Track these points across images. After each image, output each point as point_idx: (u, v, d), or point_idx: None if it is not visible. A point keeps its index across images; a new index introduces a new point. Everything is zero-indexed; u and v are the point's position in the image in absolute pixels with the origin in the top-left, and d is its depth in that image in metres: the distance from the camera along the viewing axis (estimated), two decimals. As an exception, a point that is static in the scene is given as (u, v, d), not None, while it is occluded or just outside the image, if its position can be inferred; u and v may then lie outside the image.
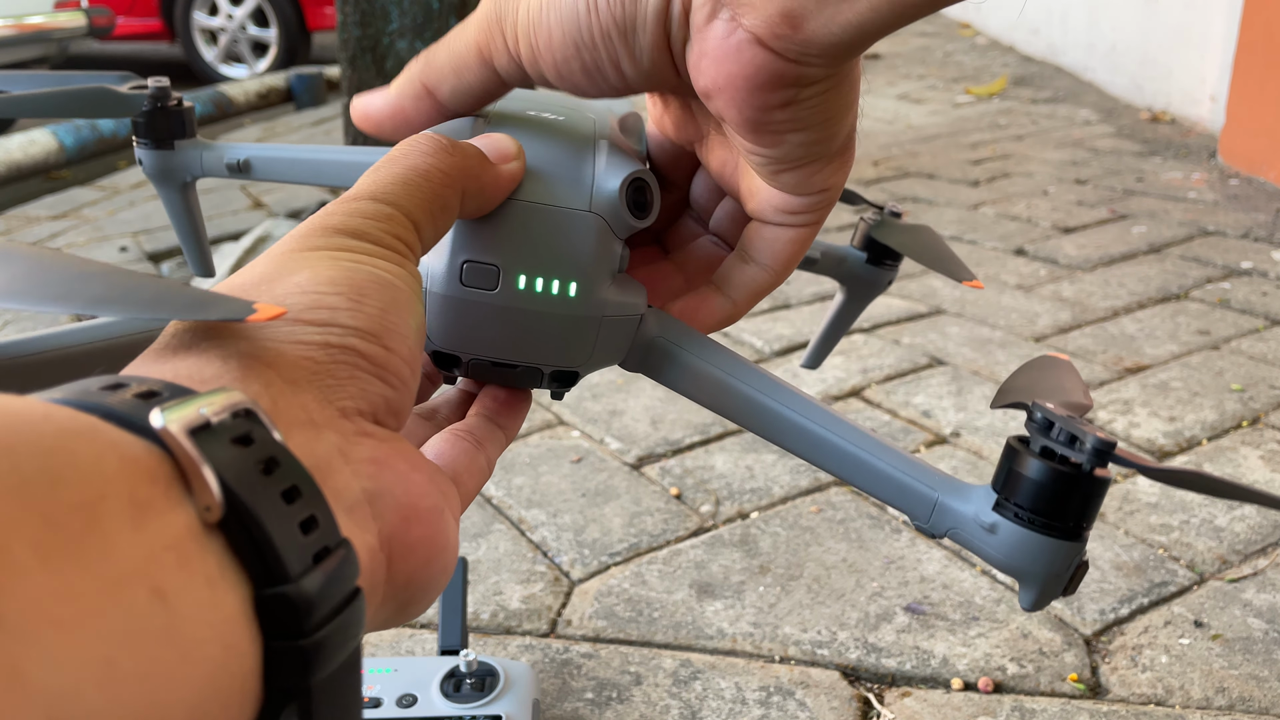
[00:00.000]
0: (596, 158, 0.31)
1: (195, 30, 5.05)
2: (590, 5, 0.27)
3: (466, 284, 0.30)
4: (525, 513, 0.85)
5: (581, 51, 0.28)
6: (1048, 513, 0.28)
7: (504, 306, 0.30)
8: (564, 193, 0.30)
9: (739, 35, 0.26)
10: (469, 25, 0.29)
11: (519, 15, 0.28)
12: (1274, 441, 0.92)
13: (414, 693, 0.55)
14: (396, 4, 1.52)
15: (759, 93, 0.26)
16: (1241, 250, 1.47)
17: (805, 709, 0.62)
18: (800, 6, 0.25)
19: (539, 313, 0.31)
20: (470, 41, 0.29)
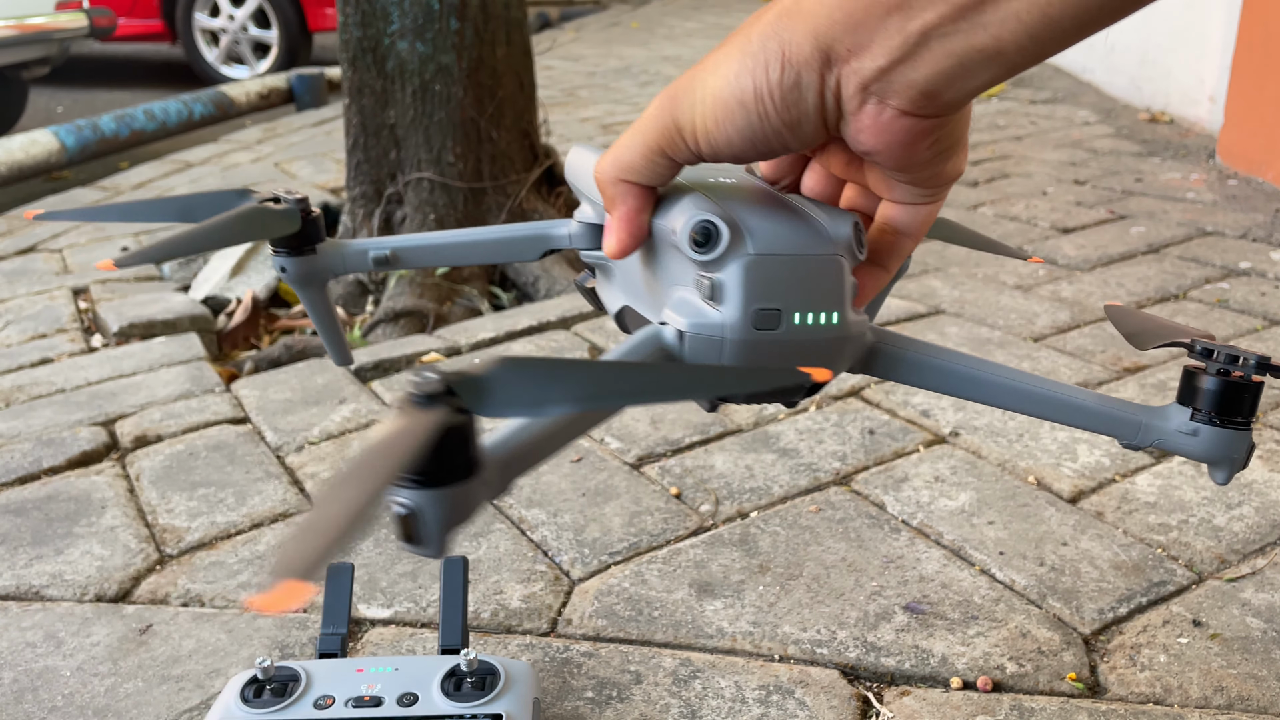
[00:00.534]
0: (809, 210, 0.39)
1: (196, 31, 5.05)
2: (762, 115, 0.34)
3: (757, 328, 0.37)
4: (525, 512, 0.85)
5: (757, 146, 0.35)
6: (1232, 414, 0.40)
7: (786, 340, 0.37)
8: (812, 242, 0.37)
9: (889, 113, 0.33)
10: (646, 131, 0.37)
11: (696, 125, 0.35)
12: (1272, 441, 0.92)
13: (415, 691, 0.55)
14: (397, 5, 1.52)
15: (909, 146, 0.34)
16: (1240, 250, 1.47)
17: (805, 708, 0.62)
18: (935, 86, 0.32)
19: (812, 341, 0.38)
20: (653, 145, 0.37)
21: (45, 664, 0.69)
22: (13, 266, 1.75)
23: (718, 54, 0.35)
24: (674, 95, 0.36)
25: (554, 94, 3.35)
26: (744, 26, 0.35)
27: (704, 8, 6.63)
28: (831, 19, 0.32)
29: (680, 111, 0.36)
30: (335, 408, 1.08)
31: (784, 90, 0.33)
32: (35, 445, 1.02)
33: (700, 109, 0.35)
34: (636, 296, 0.45)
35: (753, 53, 0.33)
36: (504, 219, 1.62)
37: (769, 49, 0.33)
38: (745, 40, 0.34)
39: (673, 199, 0.40)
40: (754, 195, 0.40)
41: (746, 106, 0.34)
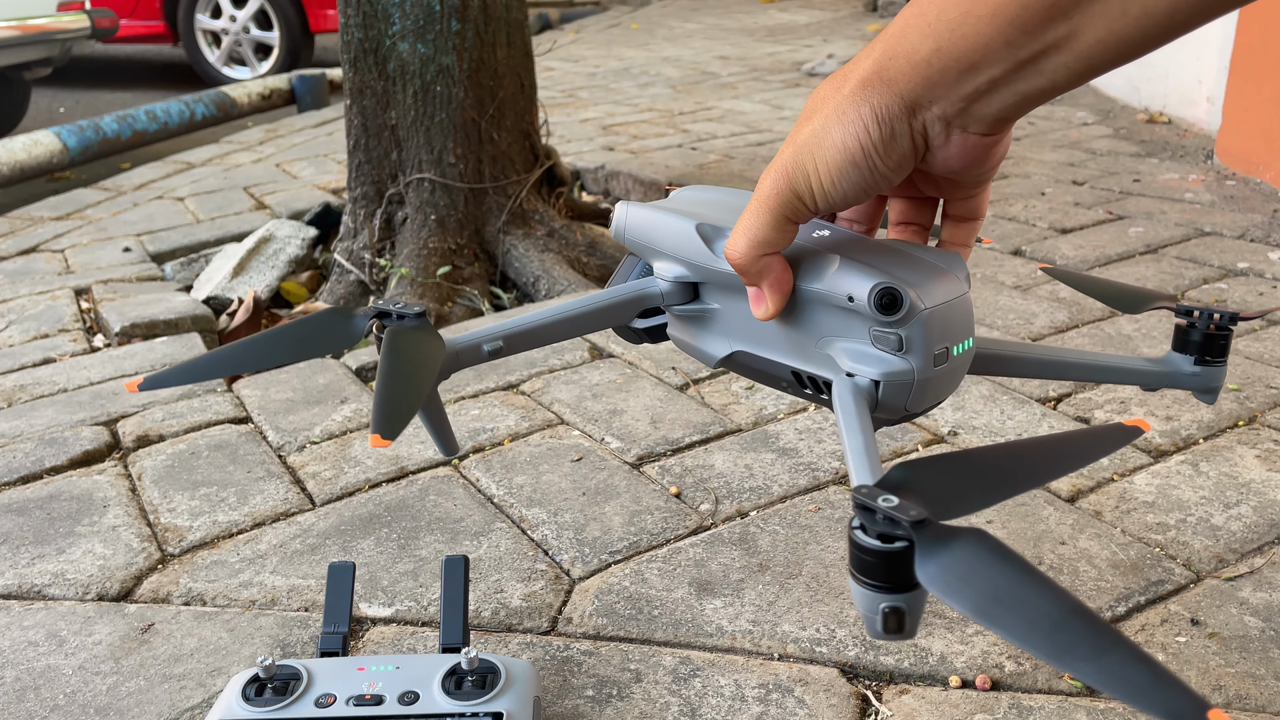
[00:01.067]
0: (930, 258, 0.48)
1: (198, 32, 5.05)
2: (871, 167, 0.41)
3: (935, 366, 0.46)
4: (526, 511, 0.86)
5: (866, 192, 0.42)
6: (1217, 355, 0.58)
7: (949, 370, 0.47)
8: (956, 286, 0.47)
9: (971, 138, 0.41)
10: (770, 208, 0.44)
11: (814, 190, 0.42)
12: (1270, 441, 0.93)
13: (416, 690, 0.56)
14: (399, 6, 1.52)
15: (988, 156, 0.42)
16: (1238, 251, 1.48)
17: (804, 706, 0.62)
18: (1005, 115, 0.39)
19: (962, 363, 0.48)
20: (780, 216, 0.44)
21: (47, 663, 0.69)
22: (15, 266, 1.75)
23: (810, 129, 0.42)
24: (786, 172, 0.42)
25: (554, 95, 3.35)
26: (822, 101, 0.42)
27: (703, 9, 6.63)
28: (913, 82, 0.39)
29: (797, 183, 0.42)
30: (336, 407, 1.08)
31: (885, 142, 0.40)
32: (37, 445, 1.02)
33: (815, 177, 0.42)
34: (764, 345, 0.53)
35: (850, 119, 0.40)
36: (504, 219, 1.62)
37: (863, 113, 0.40)
38: (837, 112, 0.41)
39: (817, 264, 0.48)
40: (885, 252, 0.48)
41: (858, 164, 0.41)
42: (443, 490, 0.90)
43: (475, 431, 1.01)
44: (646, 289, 0.55)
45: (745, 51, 4.32)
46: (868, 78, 0.40)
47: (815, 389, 0.52)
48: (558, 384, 1.12)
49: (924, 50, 0.38)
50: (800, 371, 0.52)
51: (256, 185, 2.28)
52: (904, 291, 0.45)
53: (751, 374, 0.56)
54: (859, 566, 0.36)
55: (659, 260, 0.55)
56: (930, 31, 0.37)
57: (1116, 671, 0.28)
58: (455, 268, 1.57)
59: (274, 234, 1.78)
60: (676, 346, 0.60)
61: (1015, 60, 0.36)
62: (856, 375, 0.48)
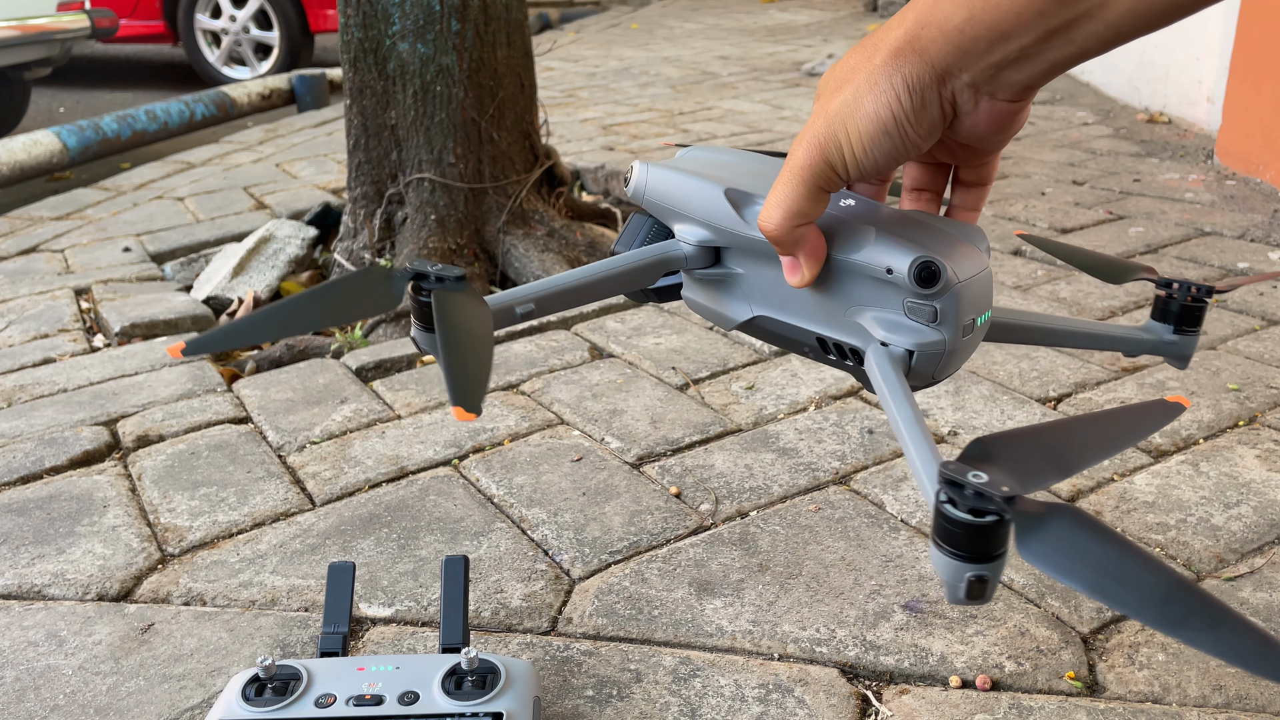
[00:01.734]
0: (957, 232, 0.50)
1: (198, 32, 5.05)
2: (903, 135, 0.42)
3: (963, 336, 0.49)
4: (526, 511, 0.86)
5: (896, 159, 0.44)
6: (1193, 325, 0.61)
7: (971, 339, 0.50)
8: (981, 259, 0.50)
9: (998, 104, 0.41)
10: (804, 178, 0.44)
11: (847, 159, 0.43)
12: (1270, 441, 0.93)
13: (416, 690, 0.56)
14: (399, 6, 1.52)
15: (1013, 122, 0.43)
16: (1238, 251, 1.48)
17: (804, 706, 0.62)
18: (1033, 81, 0.39)
19: (981, 332, 0.51)
20: (814, 186, 0.44)
21: (47, 663, 0.69)
22: (15, 266, 1.75)
23: (841, 99, 0.42)
24: (819, 143, 0.43)
25: (554, 95, 3.35)
26: (852, 72, 0.42)
27: (703, 9, 6.63)
28: (945, 51, 0.39)
29: (830, 153, 0.43)
30: (337, 407, 1.08)
31: (915, 110, 0.41)
32: (37, 445, 1.02)
33: (848, 147, 0.42)
34: (789, 311, 0.54)
35: (882, 89, 0.41)
36: (504, 219, 1.62)
37: (895, 83, 0.41)
38: (870, 82, 0.41)
39: (852, 235, 0.49)
40: (914, 224, 0.49)
41: (890, 133, 0.42)
42: (443, 490, 0.90)
43: (475, 431, 1.01)
44: (670, 251, 0.55)
45: (745, 51, 4.32)
46: (899, 47, 0.40)
47: (840, 355, 0.53)
48: (558, 384, 1.12)
49: (957, 19, 0.38)
50: (826, 338, 0.53)
51: (256, 185, 2.28)
52: (942, 265, 0.47)
53: (771, 338, 0.56)
54: (946, 538, 0.37)
55: (681, 223, 0.55)
56: (964, 1, 0.38)
57: (1231, 640, 0.30)
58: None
59: (274, 234, 1.78)
60: (690, 308, 0.59)
61: (1046, 29, 0.36)
62: (891, 345, 0.49)
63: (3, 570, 0.80)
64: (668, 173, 0.55)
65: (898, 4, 5.52)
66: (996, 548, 0.37)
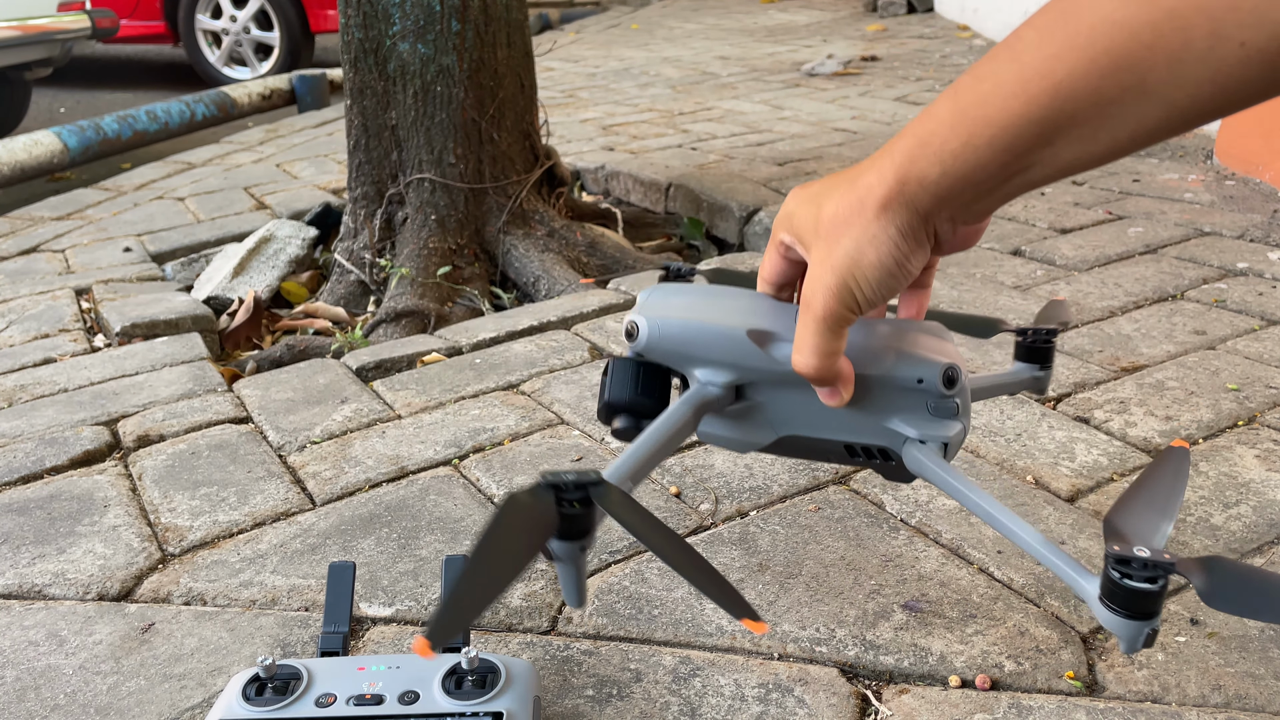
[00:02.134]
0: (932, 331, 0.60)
1: (198, 32, 5.05)
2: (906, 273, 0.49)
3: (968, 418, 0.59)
4: (526, 512, 0.86)
5: (901, 289, 0.52)
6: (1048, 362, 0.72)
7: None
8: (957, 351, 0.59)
9: (969, 228, 0.50)
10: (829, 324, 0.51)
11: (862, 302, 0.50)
12: (1270, 440, 0.93)
13: (416, 689, 0.56)
14: (399, 7, 1.53)
15: (979, 236, 0.52)
16: (1237, 251, 1.48)
17: (804, 705, 0.62)
18: (995, 207, 0.47)
19: None
20: (839, 328, 0.51)
21: (48, 662, 0.69)
22: (16, 266, 1.75)
23: (845, 252, 0.49)
24: (835, 293, 0.50)
25: (554, 95, 3.35)
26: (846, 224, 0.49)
27: (703, 9, 6.64)
28: (927, 201, 0.47)
29: (846, 300, 0.50)
30: (337, 407, 1.08)
31: (911, 251, 0.48)
32: (38, 444, 1.02)
33: (860, 292, 0.50)
34: (815, 427, 0.60)
35: (881, 241, 0.48)
36: (505, 220, 1.62)
37: (891, 234, 0.48)
38: (869, 236, 0.48)
39: (873, 353, 0.57)
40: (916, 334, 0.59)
41: (894, 274, 0.49)
42: (443, 490, 0.90)
43: (475, 431, 1.01)
44: (705, 396, 0.60)
45: (745, 52, 4.32)
46: (888, 199, 0.47)
47: (867, 455, 0.61)
48: (558, 384, 1.12)
49: (933, 175, 0.46)
50: (854, 444, 0.60)
51: (257, 185, 2.28)
52: (959, 368, 0.56)
53: (794, 452, 0.63)
54: (1126, 604, 0.47)
55: (703, 368, 0.60)
56: (937, 159, 0.45)
57: None
58: (455, 267, 1.57)
59: (274, 234, 1.78)
60: (707, 442, 0.64)
61: (1006, 175, 0.44)
62: (928, 440, 0.58)
63: (3, 570, 0.81)
64: (679, 324, 0.59)
65: (897, 4, 5.52)
66: (1163, 604, 0.47)
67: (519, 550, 0.41)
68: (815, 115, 2.73)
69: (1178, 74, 0.38)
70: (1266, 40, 0.36)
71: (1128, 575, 0.46)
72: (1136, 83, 0.39)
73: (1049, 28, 0.41)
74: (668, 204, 2.04)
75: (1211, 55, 0.37)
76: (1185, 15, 0.37)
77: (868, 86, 3.16)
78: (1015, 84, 0.42)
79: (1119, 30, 0.39)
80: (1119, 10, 0.38)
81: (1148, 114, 0.40)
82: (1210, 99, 0.38)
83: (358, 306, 1.60)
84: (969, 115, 0.44)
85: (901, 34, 4.63)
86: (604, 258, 1.66)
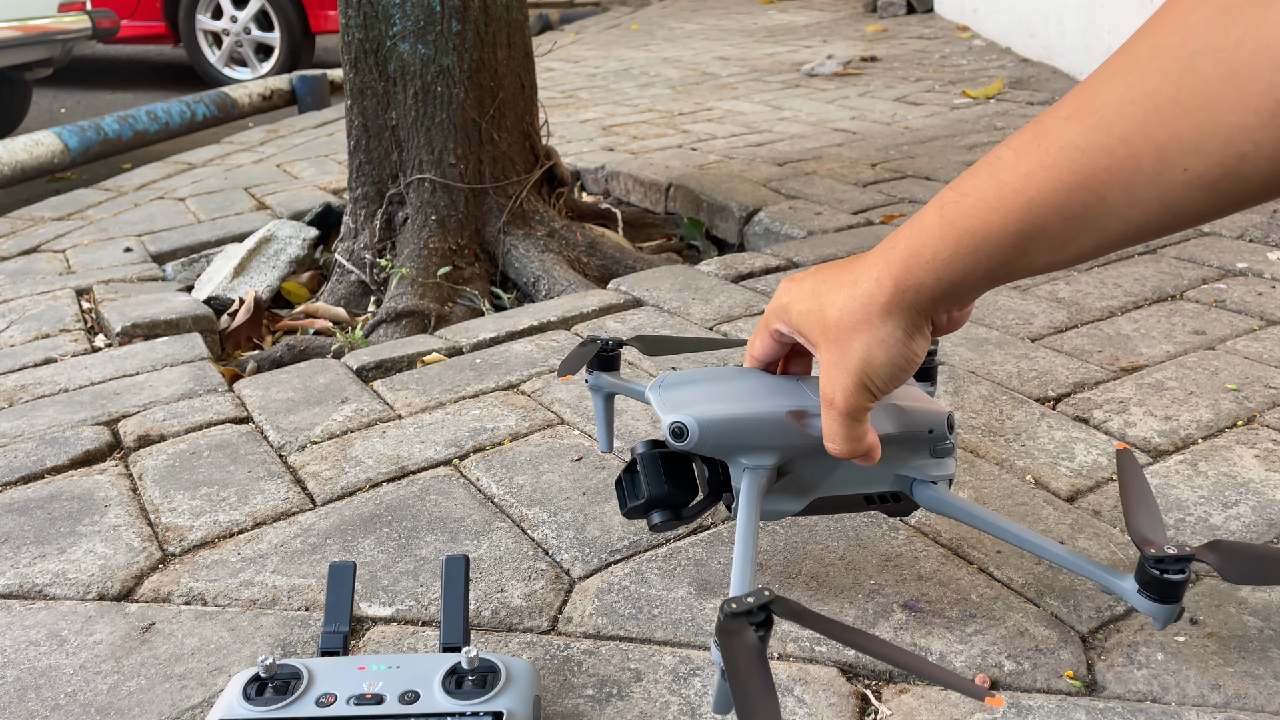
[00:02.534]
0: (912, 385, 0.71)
1: (199, 33, 5.05)
2: (915, 366, 0.56)
3: None
4: (526, 511, 0.86)
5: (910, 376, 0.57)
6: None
7: None
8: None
9: (960, 312, 0.57)
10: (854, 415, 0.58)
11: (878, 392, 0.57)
12: (1269, 440, 0.93)
13: (416, 689, 0.56)
14: (399, 7, 1.53)
15: (969, 315, 0.59)
16: (1237, 251, 1.48)
17: (804, 705, 0.62)
18: (977, 297, 0.54)
19: None
20: (863, 415, 0.59)
21: (48, 662, 0.69)
22: (16, 266, 1.75)
23: (857, 355, 0.55)
24: (854, 390, 0.56)
25: (554, 95, 3.35)
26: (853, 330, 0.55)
27: (703, 9, 6.64)
28: (926, 303, 0.53)
29: (864, 394, 0.57)
30: (337, 407, 1.09)
31: (917, 346, 0.55)
32: (38, 444, 1.02)
33: (875, 385, 0.56)
34: (840, 486, 0.67)
35: (889, 344, 0.55)
36: (505, 220, 1.62)
37: (898, 336, 0.54)
38: (878, 339, 0.55)
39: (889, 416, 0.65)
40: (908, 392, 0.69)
41: (903, 367, 0.55)
42: (443, 490, 0.90)
43: (475, 431, 1.01)
44: (761, 482, 0.64)
45: (745, 52, 4.32)
46: (891, 304, 0.54)
47: (881, 500, 0.69)
48: (558, 384, 1.12)
49: (928, 281, 0.52)
50: (872, 494, 0.68)
51: (257, 185, 2.28)
52: (953, 413, 0.66)
53: (820, 511, 0.69)
54: (1163, 594, 0.58)
55: (750, 454, 0.64)
56: (929, 268, 0.52)
57: None
58: (456, 268, 1.57)
59: (275, 234, 1.78)
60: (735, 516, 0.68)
61: (991, 278, 0.51)
62: (937, 480, 0.67)
63: (4, 570, 0.81)
64: (725, 419, 0.63)
65: (897, 4, 5.52)
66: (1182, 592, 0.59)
67: (759, 671, 0.48)
68: (815, 115, 2.73)
69: (1132, 195, 0.43)
70: (1206, 168, 0.40)
71: (1166, 571, 0.58)
72: (1097, 201, 0.45)
73: (1024, 149, 0.47)
74: (668, 204, 2.04)
75: (1159, 179, 0.42)
76: (1135, 143, 0.42)
77: (867, 87, 3.16)
78: (994, 199, 0.48)
79: (1080, 154, 0.44)
80: (1081, 137, 0.44)
81: (1108, 228, 0.45)
82: (1160, 218, 0.43)
83: (358, 307, 1.61)
84: (956, 227, 0.50)
85: (901, 34, 4.63)
86: (604, 258, 1.66)
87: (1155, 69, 0.41)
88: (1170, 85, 0.41)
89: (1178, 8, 0.41)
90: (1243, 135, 0.39)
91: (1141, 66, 0.42)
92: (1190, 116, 0.40)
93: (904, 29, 4.86)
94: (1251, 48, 0.38)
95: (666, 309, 1.34)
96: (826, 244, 1.58)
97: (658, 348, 0.78)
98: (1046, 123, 0.47)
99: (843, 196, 1.87)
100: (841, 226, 1.68)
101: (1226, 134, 0.39)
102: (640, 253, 1.72)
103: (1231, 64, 0.39)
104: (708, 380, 0.66)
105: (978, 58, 3.70)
